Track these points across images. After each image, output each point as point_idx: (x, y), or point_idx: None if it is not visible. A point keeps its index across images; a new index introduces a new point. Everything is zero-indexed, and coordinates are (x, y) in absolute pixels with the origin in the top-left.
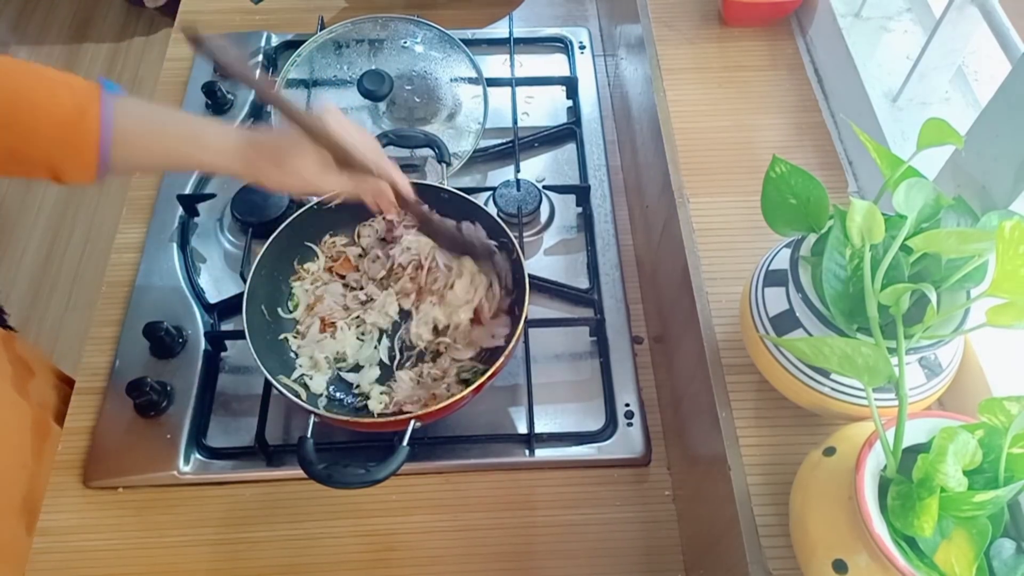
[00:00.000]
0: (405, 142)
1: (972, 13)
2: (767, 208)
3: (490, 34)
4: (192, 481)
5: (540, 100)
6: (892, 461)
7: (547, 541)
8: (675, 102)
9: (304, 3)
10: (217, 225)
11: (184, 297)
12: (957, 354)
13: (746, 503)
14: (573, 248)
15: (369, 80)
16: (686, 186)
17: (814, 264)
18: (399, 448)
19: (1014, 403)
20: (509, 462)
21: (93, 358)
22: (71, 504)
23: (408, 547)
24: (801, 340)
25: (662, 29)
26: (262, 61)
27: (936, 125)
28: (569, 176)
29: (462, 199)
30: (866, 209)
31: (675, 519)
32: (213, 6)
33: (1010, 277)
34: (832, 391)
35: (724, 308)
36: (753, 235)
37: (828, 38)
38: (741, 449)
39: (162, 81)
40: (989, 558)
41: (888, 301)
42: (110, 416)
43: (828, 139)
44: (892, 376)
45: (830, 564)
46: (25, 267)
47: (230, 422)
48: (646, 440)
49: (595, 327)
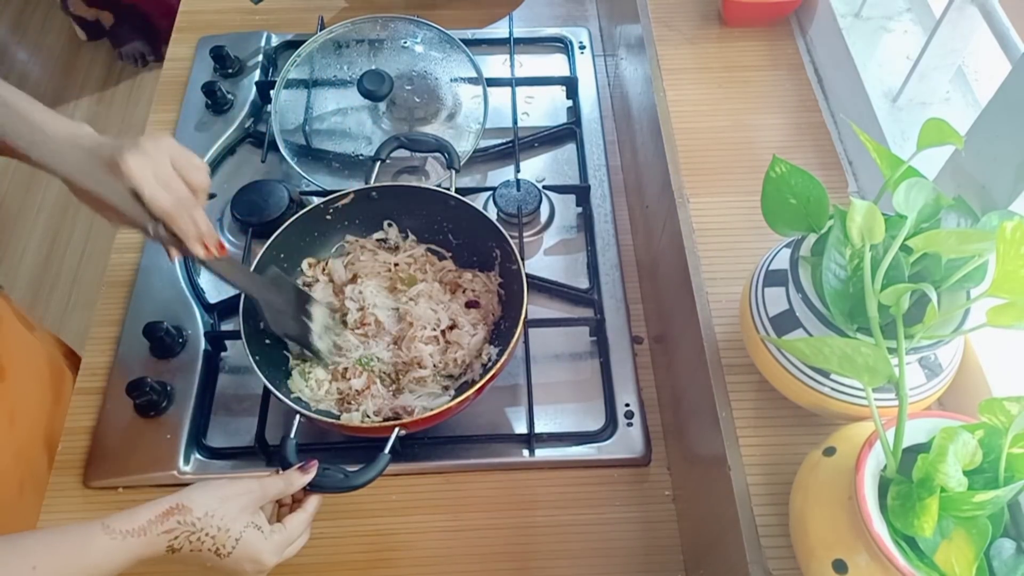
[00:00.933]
0: (416, 146)
1: (972, 13)
2: (767, 208)
3: (490, 34)
4: (192, 481)
5: (540, 100)
6: (892, 461)
7: (547, 541)
8: (675, 102)
9: (304, 3)
10: (217, 225)
11: (184, 297)
12: (957, 354)
13: (746, 503)
14: (573, 248)
15: (369, 80)
16: (686, 186)
17: (814, 264)
18: (380, 456)
19: (1014, 403)
20: (509, 462)
21: (93, 358)
22: (71, 504)
23: (408, 547)
24: (801, 340)
25: (662, 29)
26: (262, 61)
27: (936, 125)
28: (569, 176)
29: (468, 207)
30: (866, 209)
31: (675, 519)
32: (213, 6)
33: (1010, 277)
34: (832, 391)
35: (724, 308)
36: (753, 235)
37: (828, 38)
38: (741, 449)
39: (162, 81)
40: (989, 558)
41: (888, 301)
42: (110, 416)
43: (828, 139)
44: (892, 376)
45: (830, 564)
46: (25, 267)
47: (230, 422)
48: (646, 440)
49: (595, 327)
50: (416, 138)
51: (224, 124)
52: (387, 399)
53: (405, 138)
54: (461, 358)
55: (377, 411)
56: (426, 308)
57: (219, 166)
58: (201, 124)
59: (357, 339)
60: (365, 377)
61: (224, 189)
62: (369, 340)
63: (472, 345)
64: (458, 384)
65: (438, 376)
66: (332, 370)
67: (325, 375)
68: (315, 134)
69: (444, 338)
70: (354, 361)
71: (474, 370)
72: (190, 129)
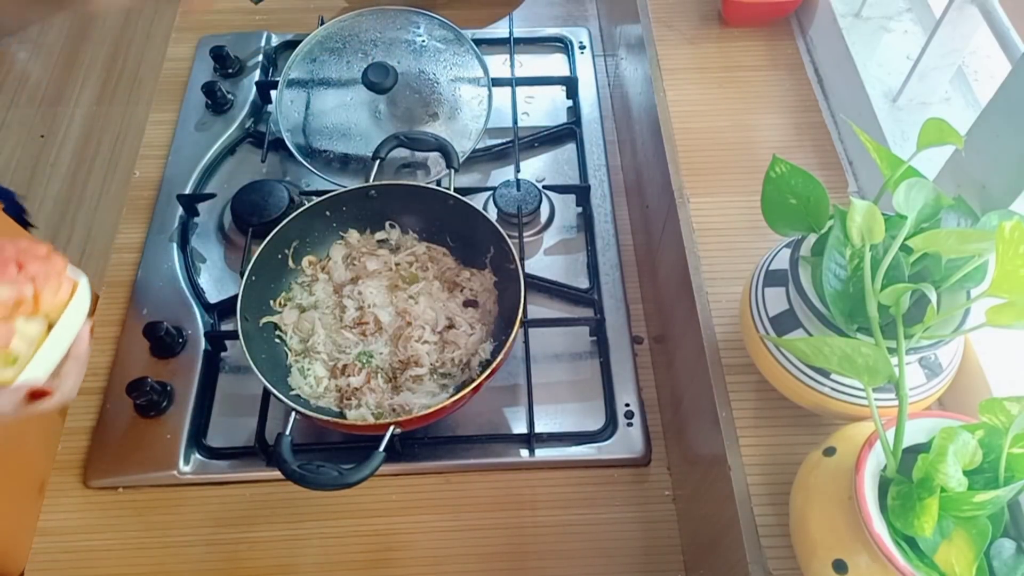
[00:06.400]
0: (415, 145)
1: (972, 13)
2: (767, 208)
3: (490, 34)
4: (192, 481)
5: (540, 100)
6: (892, 461)
7: (547, 541)
8: (675, 102)
9: (304, 3)
10: (217, 225)
11: (184, 297)
12: (957, 354)
13: (746, 503)
14: (573, 248)
15: (374, 72)
16: (686, 186)
17: (814, 264)
18: (374, 454)
19: (1014, 403)
20: (509, 462)
21: (93, 358)
22: (71, 504)
23: (408, 547)
24: (801, 340)
25: (662, 29)
26: (262, 61)
27: (936, 125)
28: (569, 176)
29: (467, 206)
30: (866, 209)
31: (675, 519)
32: (213, 6)
33: (1010, 277)
34: (832, 391)
35: (724, 308)
36: (753, 235)
37: (828, 38)
38: (741, 449)
39: (162, 81)
40: (989, 558)
41: (888, 301)
42: (110, 416)
43: (828, 139)
44: (892, 376)
45: (830, 564)
46: None
47: (230, 422)
48: (646, 440)
49: (595, 327)
50: (415, 136)
51: (224, 124)
52: (387, 394)
53: (404, 136)
54: (459, 357)
55: (377, 407)
56: (425, 307)
57: (219, 166)
58: (201, 124)
59: (356, 337)
60: (364, 374)
61: (224, 189)
62: (368, 338)
63: (470, 344)
64: (456, 383)
65: (436, 375)
66: (331, 367)
67: (324, 372)
68: (315, 133)
69: (442, 337)
70: (353, 357)
71: (472, 369)
72: (190, 129)
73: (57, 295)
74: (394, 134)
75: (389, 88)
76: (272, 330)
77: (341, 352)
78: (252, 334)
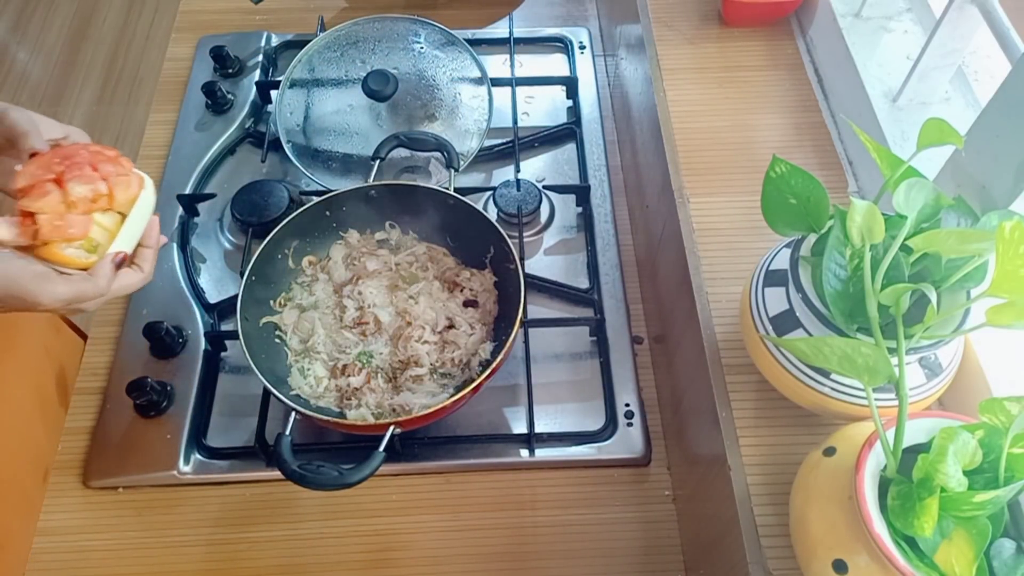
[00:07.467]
0: (416, 145)
1: (972, 13)
2: (767, 208)
3: (490, 34)
4: (192, 481)
5: (540, 100)
6: (892, 461)
7: (547, 541)
8: (675, 102)
9: (304, 3)
10: (217, 225)
11: (184, 297)
12: (957, 354)
13: (746, 503)
14: (573, 248)
15: (374, 80)
16: (686, 186)
17: (814, 264)
18: (374, 454)
19: (1014, 403)
20: (509, 462)
21: (93, 358)
22: (71, 504)
23: (408, 547)
24: (801, 340)
25: (662, 29)
26: (262, 61)
27: (936, 125)
28: (569, 176)
29: (467, 206)
30: (866, 209)
31: (675, 519)
32: (213, 6)
33: (1010, 277)
34: (832, 391)
35: (724, 308)
36: (753, 235)
37: (828, 38)
38: (741, 449)
39: (162, 81)
40: (989, 558)
41: (888, 301)
42: (110, 416)
43: (828, 139)
44: (892, 376)
45: (830, 564)
46: None
47: (230, 422)
48: (646, 440)
49: (595, 327)
50: (415, 137)
51: (224, 124)
52: (387, 394)
53: (404, 137)
54: (459, 357)
55: (377, 407)
56: (425, 307)
57: (219, 166)
58: (201, 124)
59: (356, 337)
60: (364, 374)
61: (224, 189)
62: (368, 338)
63: (470, 344)
64: (456, 383)
65: (436, 375)
66: (331, 367)
67: (324, 372)
68: (316, 133)
69: (442, 337)
70: (353, 357)
71: (472, 369)
72: (190, 129)
73: (128, 191)
74: (394, 134)
75: (390, 95)
76: (272, 330)
77: (341, 352)
78: (252, 334)
